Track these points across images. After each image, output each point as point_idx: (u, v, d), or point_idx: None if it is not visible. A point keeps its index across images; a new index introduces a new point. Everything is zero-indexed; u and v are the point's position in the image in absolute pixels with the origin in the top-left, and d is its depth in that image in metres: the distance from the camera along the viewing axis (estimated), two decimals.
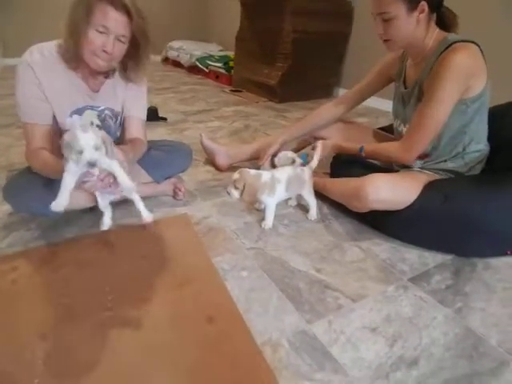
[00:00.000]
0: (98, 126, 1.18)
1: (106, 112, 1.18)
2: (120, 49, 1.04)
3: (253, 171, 1.23)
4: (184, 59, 4.67)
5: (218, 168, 1.77)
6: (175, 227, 1.28)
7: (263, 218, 1.31)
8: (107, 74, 1.16)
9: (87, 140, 0.87)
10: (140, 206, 1.14)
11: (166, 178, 1.42)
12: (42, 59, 1.04)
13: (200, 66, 4.33)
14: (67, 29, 0.99)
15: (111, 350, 0.81)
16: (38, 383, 0.73)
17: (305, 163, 1.41)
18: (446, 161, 1.26)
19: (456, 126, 1.18)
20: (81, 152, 0.87)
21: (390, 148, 1.28)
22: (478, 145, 1.23)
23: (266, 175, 1.24)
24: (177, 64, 4.98)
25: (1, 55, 4.28)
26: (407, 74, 1.31)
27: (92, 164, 0.89)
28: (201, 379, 0.75)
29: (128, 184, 1.02)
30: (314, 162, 1.35)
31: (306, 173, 1.33)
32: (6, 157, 1.80)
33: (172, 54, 5.03)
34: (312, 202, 1.36)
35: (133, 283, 1.00)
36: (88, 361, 0.78)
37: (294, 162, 1.44)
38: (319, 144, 1.38)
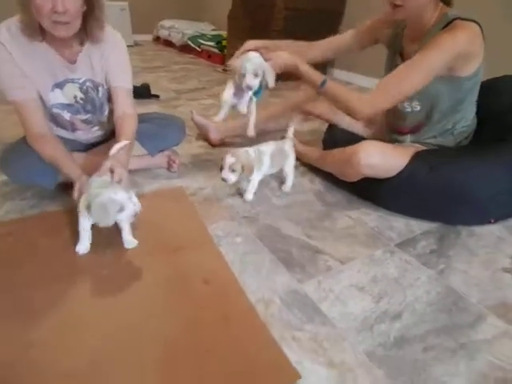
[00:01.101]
0: (81, 99, 1.18)
1: (88, 84, 1.17)
2: (72, 2, 0.95)
3: (242, 150, 1.25)
4: (176, 38, 4.59)
5: (210, 143, 1.79)
6: (170, 198, 1.31)
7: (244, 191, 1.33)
8: (81, 40, 1.11)
9: (122, 197, 0.91)
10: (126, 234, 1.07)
11: (160, 151, 1.44)
12: (10, 36, 1.01)
13: (192, 45, 4.26)
14: (18, 3, 0.96)
15: (109, 305, 0.84)
16: (36, 337, 0.76)
17: (258, 93, 1.28)
18: (435, 136, 1.30)
19: (449, 103, 1.20)
20: (122, 210, 0.91)
21: (353, 96, 1.20)
22: (466, 121, 1.27)
23: (251, 150, 1.27)
24: (168, 43, 4.89)
25: None
26: (405, 46, 1.27)
27: (135, 215, 0.95)
28: (198, 335, 0.78)
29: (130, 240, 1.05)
30: (271, 84, 1.21)
31: (289, 146, 1.36)
32: None
33: (163, 33, 4.93)
34: (291, 175, 1.39)
35: (126, 249, 1.03)
36: (87, 315, 0.81)
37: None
38: (270, 62, 1.21)
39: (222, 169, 1.22)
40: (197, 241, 1.09)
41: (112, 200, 0.88)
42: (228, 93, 1.25)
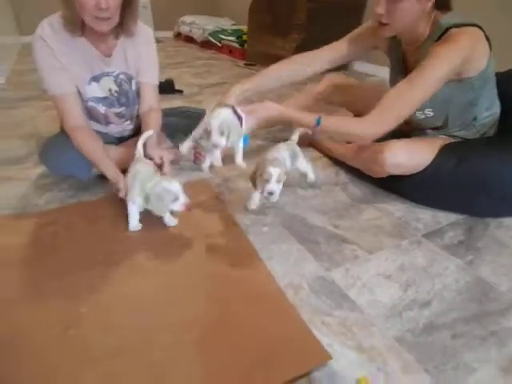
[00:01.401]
0: (116, 91, 1.23)
1: (121, 76, 1.23)
2: (114, 0, 1.00)
3: (276, 158, 1.15)
4: (196, 34, 4.64)
5: None
6: (197, 189, 1.34)
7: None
8: (116, 34, 1.17)
9: (177, 188, 0.99)
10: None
11: None
12: (52, 32, 1.07)
13: (213, 40, 4.30)
14: (61, 0, 1.01)
15: (146, 287, 0.89)
16: (84, 312, 0.81)
17: (246, 141, 1.23)
18: (459, 130, 1.28)
19: (463, 102, 1.18)
20: (177, 199, 0.99)
21: (353, 124, 1.17)
22: (488, 111, 1.24)
23: (283, 155, 1.21)
24: (189, 39, 4.95)
25: (18, 33, 4.33)
26: (408, 60, 1.24)
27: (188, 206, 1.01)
28: (229, 316, 0.82)
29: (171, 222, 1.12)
30: (232, 143, 1.14)
31: (296, 146, 1.32)
32: (32, 126, 1.88)
33: (184, 29, 4.99)
34: (308, 168, 1.34)
35: (161, 234, 1.08)
36: (126, 296, 0.86)
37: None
38: (254, 115, 1.19)
39: (265, 181, 1.08)
40: (225, 229, 1.12)
41: (168, 190, 0.96)
42: (186, 145, 1.22)
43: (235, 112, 1.16)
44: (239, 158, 1.21)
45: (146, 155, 1.16)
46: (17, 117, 2.01)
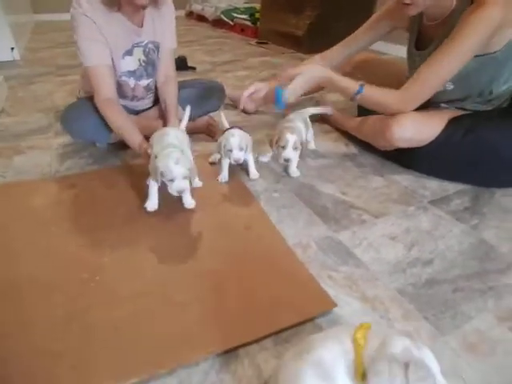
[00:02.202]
0: (144, 61, 1.27)
1: (149, 46, 1.26)
2: None
3: (295, 125, 1.25)
4: (209, 12, 4.60)
5: (246, 112, 1.85)
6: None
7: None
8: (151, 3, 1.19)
9: (178, 172, 0.95)
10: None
11: (199, 116, 1.52)
12: (91, 7, 1.10)
13: (225, 18, 4.27)
14: None
15: (164, 244, 0.95)
16: (107, 261, 0.88)
17: (279, 102, 1.25)
18: (472, 103, 1.27)
19: (484, 76, 1.17)
20: (172, 180, 0.95)
21: (391, 98, 1.21)
22: (506, 84, 1.23)
23: (299, 124, 1.28)
24: (201, 18, 4.91)
25: (31, 12, 4.36)
26: (424, 34, 1.24)
27: (180, 192, 0.98)
28: (242, 270, 0.88)
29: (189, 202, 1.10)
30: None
31: (307, 116, 1.38)
32: (50, 100, 1.94)
33: (196, 8, 4.95)
34: (312, 139, 1.44)
35: (175, 198, 1.13)
36: (148, 251, 0.93)
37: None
38: (298, 76, 1.22)
39: (282, 147, 1.19)
40: (236, 195, 1.17)
41: (168, 169, 0.94)
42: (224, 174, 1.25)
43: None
44: (253, 169, 1.27)
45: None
46: (35, 92, 2.07)
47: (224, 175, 1.23)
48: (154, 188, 1.06)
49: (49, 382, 0.63)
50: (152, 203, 1.07)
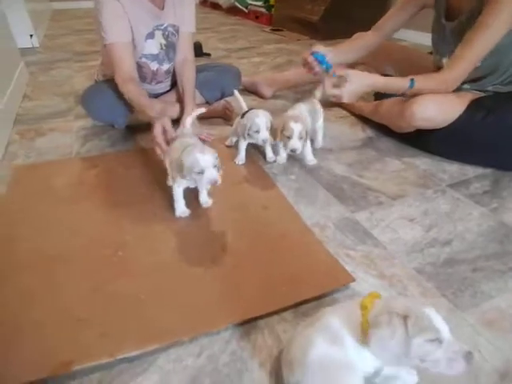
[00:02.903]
0: (165, 45, 1.29)
1: (169, 29, 1.27)
2: None
3: (300, 114, 1.20)
4: (222, 0, 4.57)
5: (263, 97, 1.84)
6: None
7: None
8: None
9: (207, 161, 0.86)
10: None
11: (217, 99, 1.53)
12: None
13: (239, 6, 4.23)
14: None
15: (185, 222, 0.97)
16: (128, 238, 0.91)
17: (324, 62, 1.27)
18: (495, 84, 1.25)
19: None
20: (202, 172, 0.86)
21: (437, 85, 1.19)
22: None
23: (305, 112, 1.24)
24: (215, 6, 4.88)
25: (48, 0, 4.40)
26: (450, 4, 1.22)
27: (213, 182, 0.87)
28: (262, 248, 0.89)
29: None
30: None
31: (319, 105, 1.34)
32: (69, 85, 1.97)
33: None
34: (320, 133, 1.36)
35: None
36: (161, 226, 0.95)
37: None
38: (350, 78, 1.18)
39: (287, 137, 1.13)
40: (254, 176, 1.18)
41: (196, 160, 0.86)
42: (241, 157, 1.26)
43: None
44: (269, 152, 1.28)
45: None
46: (55, 77, 2.11)
47: (241, 157, 1.24)
48: (178, 191, 0.97)
49: (76, 346, 0.65)
50: (181, 209, 0.99)
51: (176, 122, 1.31)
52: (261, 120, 1.15)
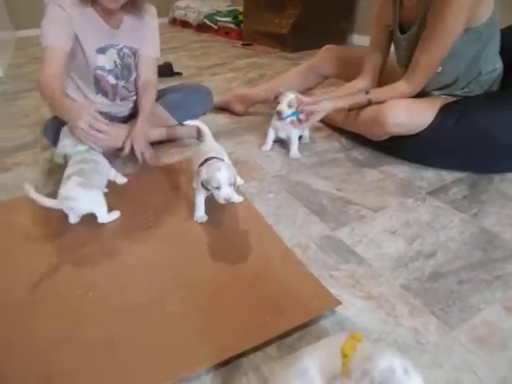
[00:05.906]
0: (119, 64, 1.27)
1: (124, 50, 1.26)
2: None
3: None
4: (192, 17, 4.58)
5: (236, 114, 1.82)
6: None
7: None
8: (125, 9, 1.20)
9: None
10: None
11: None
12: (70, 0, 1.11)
13: (209, 23, 4.24)
14: None
15: (154, 250, 0.92)
16: (100, 278, 0.85)
17: (297, 115, 1.35)
18: (463, 88, 1.26)
19: (471, 54, 1.16)
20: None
21: (397, 92, 1.23)
22: (491, 65, 1.22)
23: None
24: (184, 24, 4.88)
25: (13, 28, 4.31)
26: (402, 17, 1.23)
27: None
28: (242, 274, 0.85)
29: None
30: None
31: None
32: (37, 114, 1.90)
33: (179, 14, 4.92)
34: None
35: (173, 203, 1.11)
36: (134, 259, 0.90)
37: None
38: (315, 112, 1.30)
39: (278, 103, 1.34)
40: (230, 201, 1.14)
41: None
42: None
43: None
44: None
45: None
46: (21, 107, 2.03)
47: (201, 215, 1.05)
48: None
49: None
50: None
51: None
52: (222, 175, 0.90)
